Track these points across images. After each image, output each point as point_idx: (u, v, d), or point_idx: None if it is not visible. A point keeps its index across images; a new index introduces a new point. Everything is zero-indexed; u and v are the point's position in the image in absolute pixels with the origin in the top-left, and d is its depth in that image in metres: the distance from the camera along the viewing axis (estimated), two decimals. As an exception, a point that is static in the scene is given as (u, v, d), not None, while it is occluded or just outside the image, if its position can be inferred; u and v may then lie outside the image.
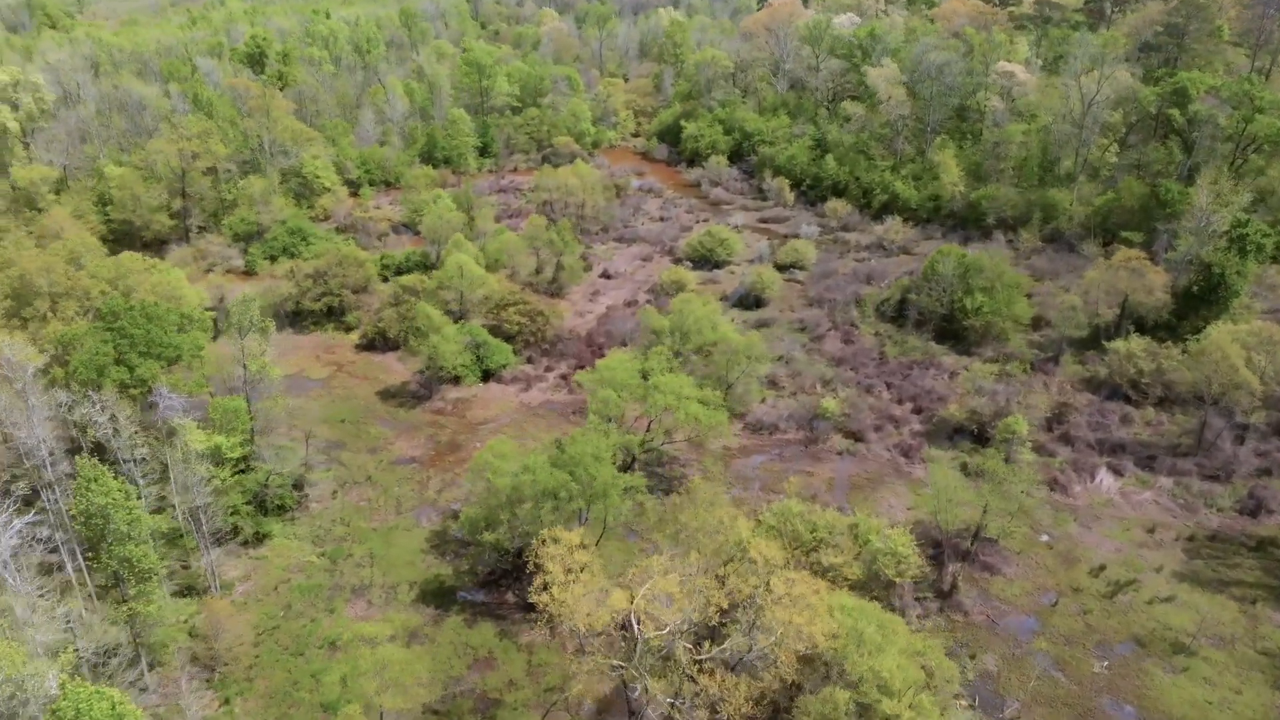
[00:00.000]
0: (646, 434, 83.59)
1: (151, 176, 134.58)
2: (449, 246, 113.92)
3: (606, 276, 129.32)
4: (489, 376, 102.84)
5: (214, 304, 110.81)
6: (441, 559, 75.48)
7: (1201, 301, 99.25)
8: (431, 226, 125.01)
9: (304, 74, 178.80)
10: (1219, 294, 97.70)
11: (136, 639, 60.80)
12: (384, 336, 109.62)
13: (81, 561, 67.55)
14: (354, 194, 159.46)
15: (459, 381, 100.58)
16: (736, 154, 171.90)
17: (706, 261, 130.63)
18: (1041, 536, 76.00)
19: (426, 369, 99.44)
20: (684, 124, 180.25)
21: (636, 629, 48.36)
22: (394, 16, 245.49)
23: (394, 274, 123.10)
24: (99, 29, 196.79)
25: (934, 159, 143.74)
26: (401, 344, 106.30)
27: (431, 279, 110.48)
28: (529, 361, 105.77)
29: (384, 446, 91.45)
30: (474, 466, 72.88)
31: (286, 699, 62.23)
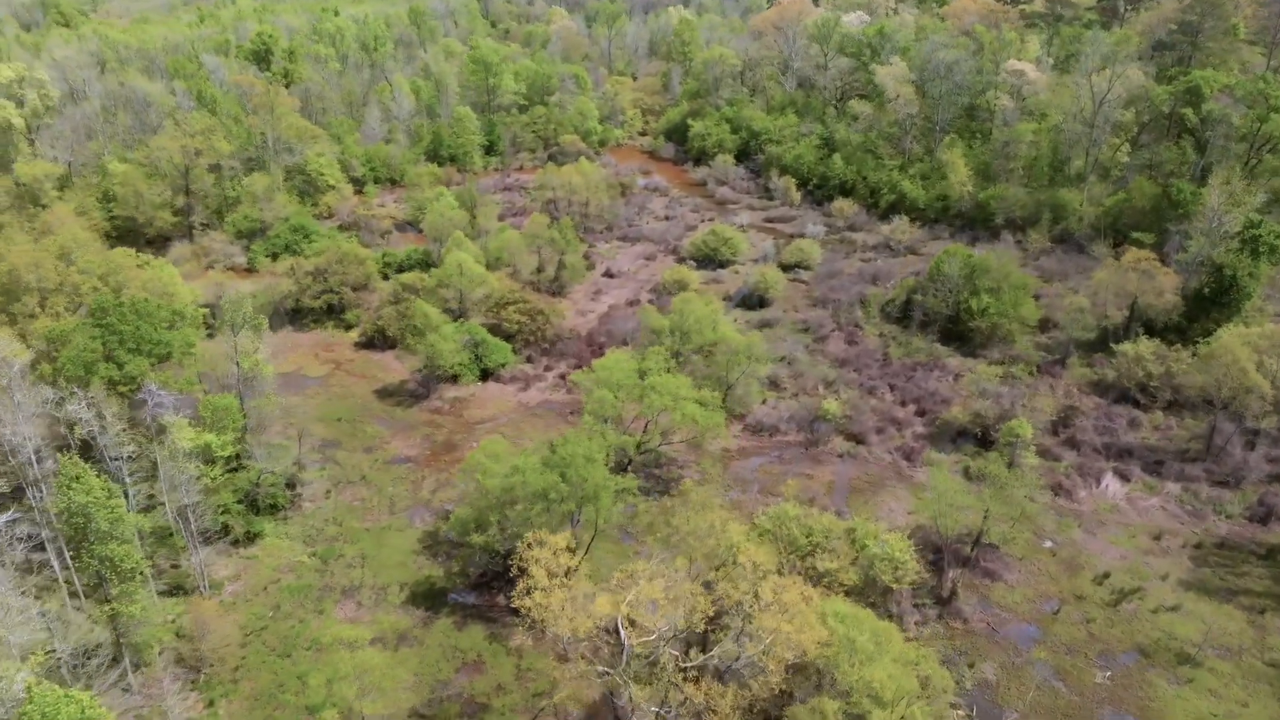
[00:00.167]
0: (643, 435, 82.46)
1: (155, 173, 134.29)
2: (449, 244, 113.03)
3: (609, 275, 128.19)
4: (488, 376, 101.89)
5: (214, 301, 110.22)
6: (433, 560, 74.51)
7: (1213, 304, 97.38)
8: (433, 224, 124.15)
9: (310, 71, 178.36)
10: (1230, 296, 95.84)
11: (120, 639, 60.02)
12: (383, 335, 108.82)
13: (69, 560, 66.82)
14: (359, 192, 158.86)
15: (457, 380, 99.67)
16: (743, 153, 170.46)
17: (710, 261, 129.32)
18: (1044, 543, 74.42)
19: (425, 368, 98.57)
20: (691, 123, 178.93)
21: (623, 635, 47.19)
22: (403, 15, 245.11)
23: (395, 272, 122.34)
24: (107, 26, 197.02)
25: (942, 158, 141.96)
26: (399, 342, 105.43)
27: (431, 277, 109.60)
28: (528, 361, 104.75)
29: (380, 445, 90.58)
30: (466, 467, 71.87)
31: (271, 701, 61.33)
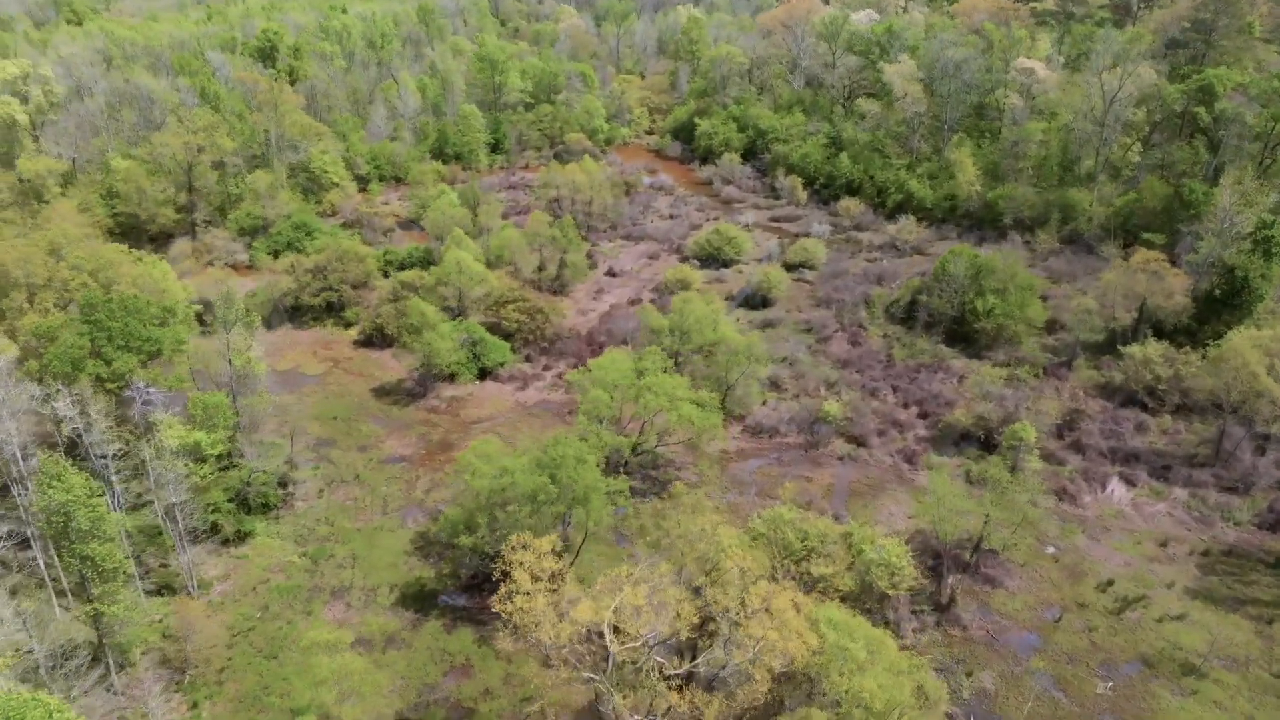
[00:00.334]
0: (640, 436, 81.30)
1: (159, 170, 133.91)
2: (448, 242, 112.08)
3: (612, 274, 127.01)
4: (486, 375, 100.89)
5: (214, 299, 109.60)
6: (425, 561, 73.53)
7: (1224, 305, 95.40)
8: (434, 222, 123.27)
9: (315, 69, 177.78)
10: (1242, 298, 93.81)
11: (102, 639, 59.25)
12: (382, 333, 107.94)
13: (56, 559, 66.15)
14: (363, 190, 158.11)
15: (454, 379, 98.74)
16: (750, 152, 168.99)
17: (714, 260, 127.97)
18: (1047, 548, 72.86)
19: (422, 366, 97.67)
20: (698, 121, 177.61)
21: (609, 640, 46.04)
22: (412, 13, 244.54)
23: (397, 270, 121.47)
24: (114, 23, 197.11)
25: (950, 157, 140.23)
26: (397, 341, 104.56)
27: (430, 275, 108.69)
28: (527, 360, 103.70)
29: (374, 444, 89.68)
30: (457, 467, 70.84)
31: (256, 704, 60.44)
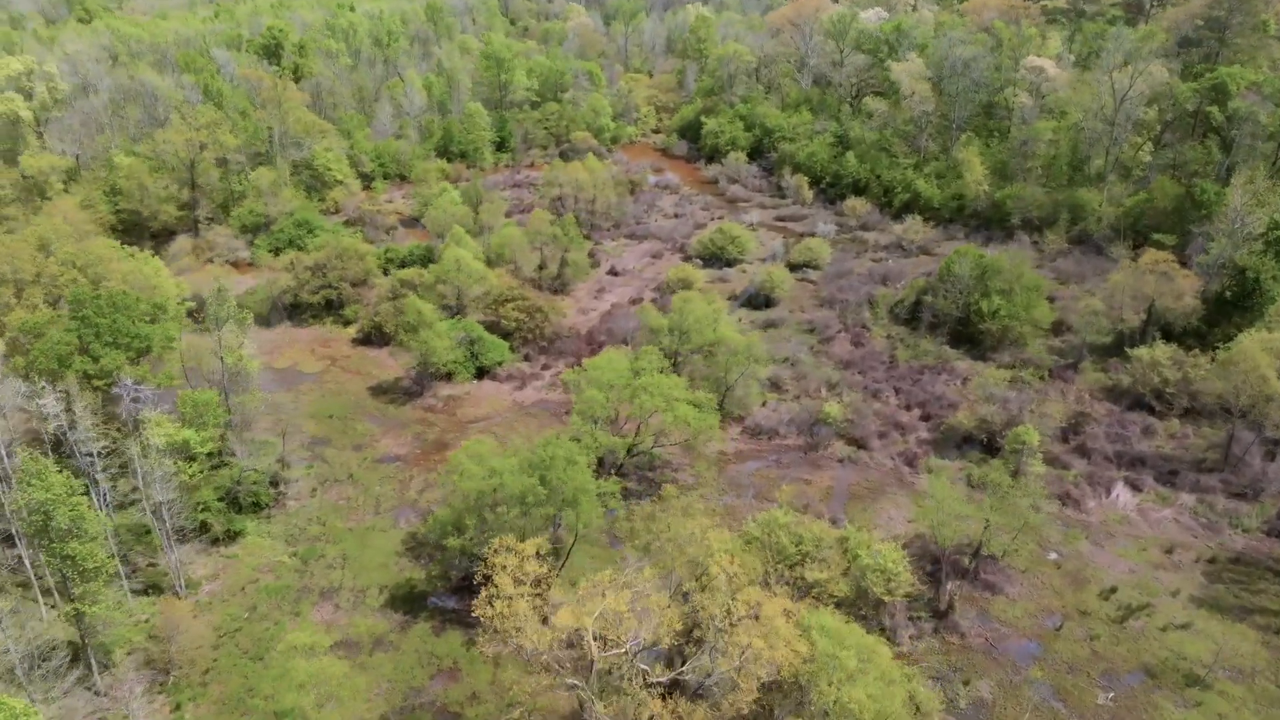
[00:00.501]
0: (636, 437, 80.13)
1: (162, 167, 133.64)
2: (447, 240, 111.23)
3: (614, 273, 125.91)
4: (483, 374, 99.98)
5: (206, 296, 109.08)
6: (416, 562, 72.56)
7: (1234, 307, 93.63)
8: (435, 220, 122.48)
9: (320, 66, 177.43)
10: (1253, 300, 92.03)
11: (85, 640, 58.52)
12: (380, 331, 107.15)
13: (42, 557, 65.51)
14: (367, 187, 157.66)
15: (451, 378, 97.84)
16: (757, 151, 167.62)
17: (717, 259, 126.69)
18: (1049, 554, 71.30)
19: (419, 365, 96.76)
20: (704, 120, 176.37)
21: (589, 647, 44.88)
22: (420, 11, 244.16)
23: (398, 268, 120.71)
24: (120, 20, 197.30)
25: (958, 157, 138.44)
26: (393, 339, 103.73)
27: (429, 273, 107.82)
28: (526, 359, 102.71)
29: (369, 444, 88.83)
30: (448, 467, 69.86)
31: (240, 706, 59.56)
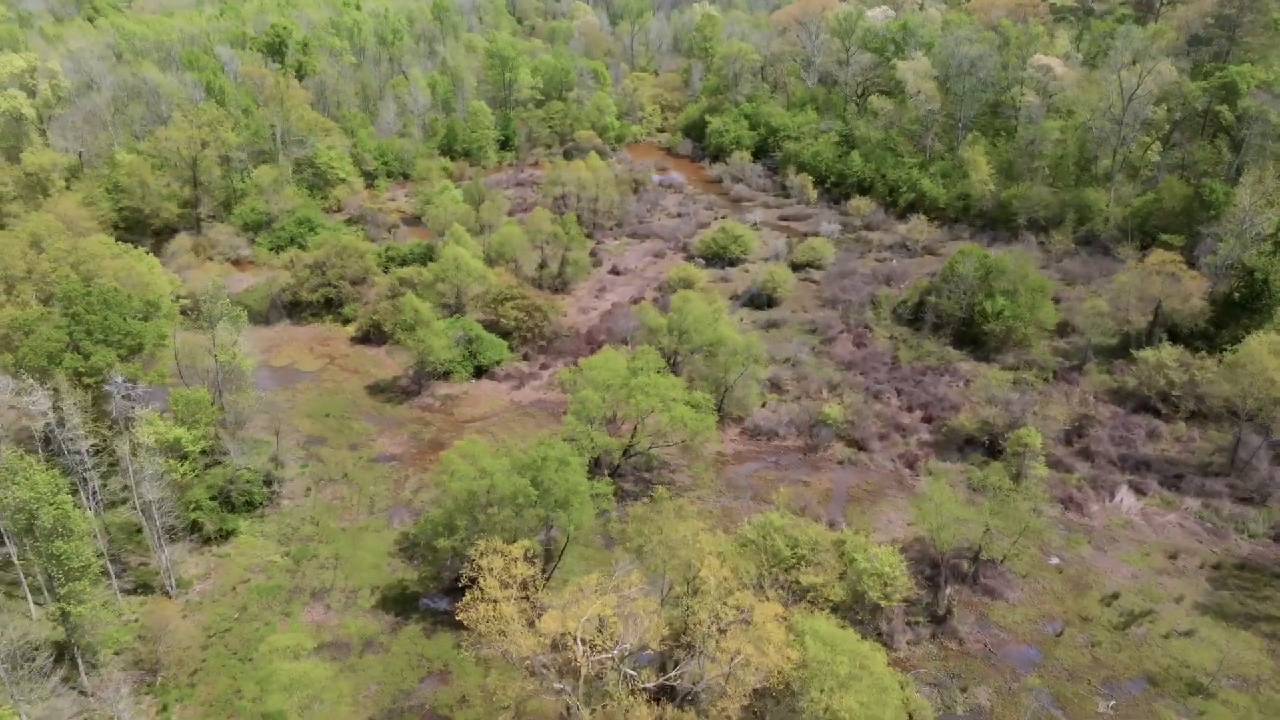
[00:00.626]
0: (632, 437, 79.25)
1: (164, 164, 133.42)
2: (446, 238, 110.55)
3: (616, 273, 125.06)
4: (482, 373, 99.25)
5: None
6: (409, 563, 71.85)
7: (1242, 309, 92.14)
8: (436, 218, 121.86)
9: (324, 64, 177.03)
10: (1261, 301, 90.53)
11: (71, 639, 57.96)
12: (379, 329, 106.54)
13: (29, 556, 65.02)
14: (370, 186, 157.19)
15: (449, 377, 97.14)
16: (762, 150, 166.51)
17: (719, 259, 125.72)
18: (1051, 559, 70.11)
19: (417, 364, 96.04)
20: (709, 119, 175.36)
21: (575, 652, 44.04)
22: (427, 9, 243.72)
23: (398, 266, 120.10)
24: (124, 17, 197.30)
25: (964, 156, 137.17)
26: (390, 337, 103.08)
27: (428, 271, 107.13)
28: (525, 358, 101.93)
29: (365, 443, 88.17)
30: (441, 467, 69.09)
31: (227, 707, 58.86)
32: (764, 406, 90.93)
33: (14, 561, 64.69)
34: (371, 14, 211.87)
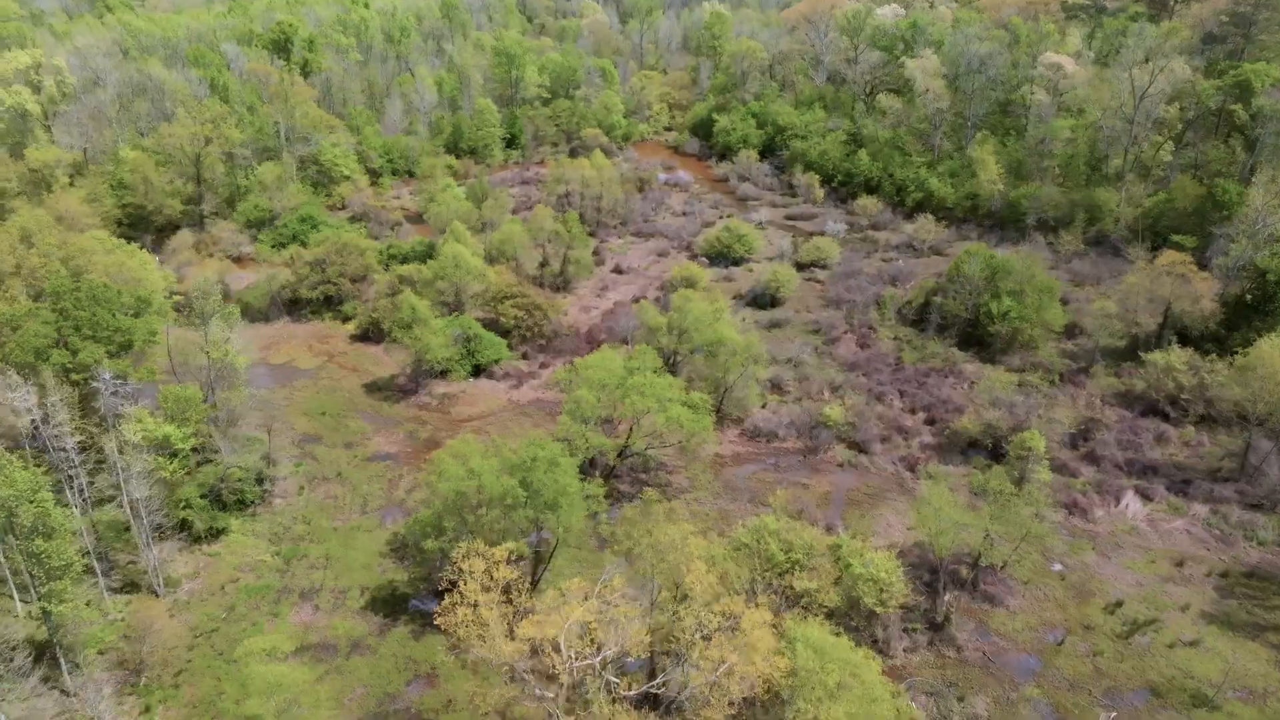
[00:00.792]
0: (628, 438, 78.10)
1: (168, 161, 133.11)
2: (445, 236, 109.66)
3: (618, 271, 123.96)
4: (480, 372, 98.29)
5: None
6: (400, 564, 70.90)
7: (1254, 311, 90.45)
8: (437, 216, 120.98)
9: (329, 62, 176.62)
10: (1274, 303, 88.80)
11: (53, 639, 57.25)
12: (378, 327, 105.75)
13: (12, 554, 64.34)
14: (374, 183, 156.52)
15: (446, 376, 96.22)
16: (769, 149, 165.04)
17: (723, 258, 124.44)
18: (1053, 565, 68.58)
19: (414, 362, 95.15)
20: (716, 117, 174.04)
21: (555, 659, 42.92)
22: (436, 7, 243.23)
23: (399, 264, 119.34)
24: (131, 15, 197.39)
25: (973, 155, 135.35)
26: (386, 335, 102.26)
27: (427, 269, 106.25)
28: (524, 357, 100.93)
29: (361, 442, 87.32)
30: (431, 466, 68.11)
31: (211, 709, 58.02)
32: (764, 407, 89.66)
33: (0, 559, 64.07)
34: (380, 11, 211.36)
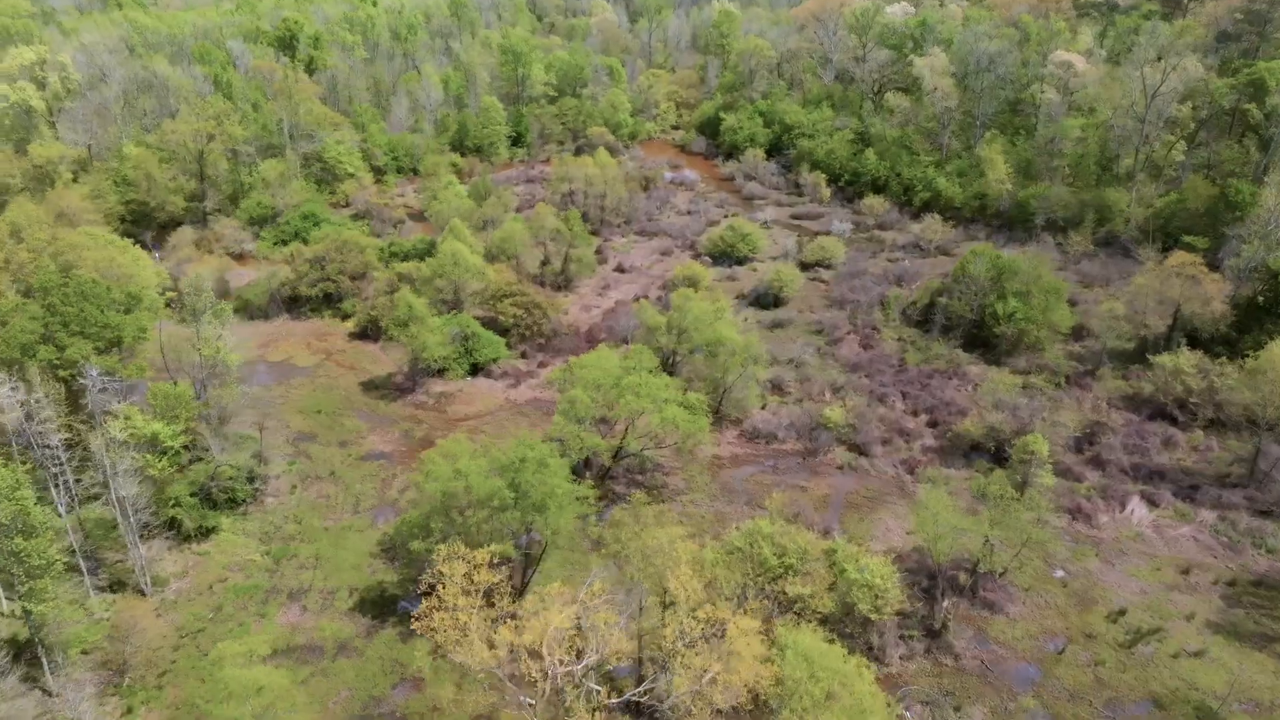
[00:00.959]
0: (623, 439, 76.95)
1: (171, 158, 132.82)
2: (445, 233, 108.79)
3: (621, 270, 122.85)
4: (478, 370, 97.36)
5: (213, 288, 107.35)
6: (390, 565, 69.95)
7: (1266, 313, 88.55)
8: (438, 214, 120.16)
9: (335, 59, 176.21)
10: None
11: (35, 638, 56.53)
12: (376, 325, 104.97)
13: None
14: (379, 181, 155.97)
15: (444, 375, 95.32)
16: (776, 147, 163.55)
17: (727, 258, 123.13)
18: (1055, 572, 67.03)
19: (411, 361, 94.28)
20: (723, 116, 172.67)
21: (532, 666, 41.81)
22: (444, 6, 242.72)
23: (400, 261, 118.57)
24: (137, 11, 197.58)
25: (981, 155, 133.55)
26: (383, 333, 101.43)
27: (426, 266, 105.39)
28: (523, 356, 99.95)
29: (355, 440, 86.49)
30: (421, 466, 67.11)
31: (194, 710, 57.16)
32: (764, 408, 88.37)
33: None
34: (387, 9, 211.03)
